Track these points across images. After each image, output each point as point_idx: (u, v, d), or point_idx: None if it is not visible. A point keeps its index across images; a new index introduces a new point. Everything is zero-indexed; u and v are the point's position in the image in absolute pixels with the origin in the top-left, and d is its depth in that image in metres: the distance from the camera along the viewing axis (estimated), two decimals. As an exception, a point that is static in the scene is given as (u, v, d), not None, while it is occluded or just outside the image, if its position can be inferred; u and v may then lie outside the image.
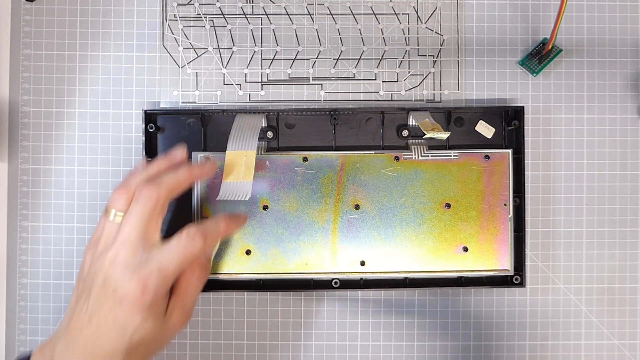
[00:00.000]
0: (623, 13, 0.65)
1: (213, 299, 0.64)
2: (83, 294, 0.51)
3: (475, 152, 0.61)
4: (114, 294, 0.49)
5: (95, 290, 0.50)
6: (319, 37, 0.64)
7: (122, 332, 0.48)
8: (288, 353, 0.64)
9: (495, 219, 0.60)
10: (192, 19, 0.64)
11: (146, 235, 0.51)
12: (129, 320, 0.48)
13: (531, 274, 0.64)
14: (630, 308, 0.64)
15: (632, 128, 0.65)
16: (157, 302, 0.50)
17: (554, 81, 0.65)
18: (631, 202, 0.65)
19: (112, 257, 0.50)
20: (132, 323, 0.49)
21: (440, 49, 0.64)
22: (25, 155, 0.64)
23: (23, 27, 0.64)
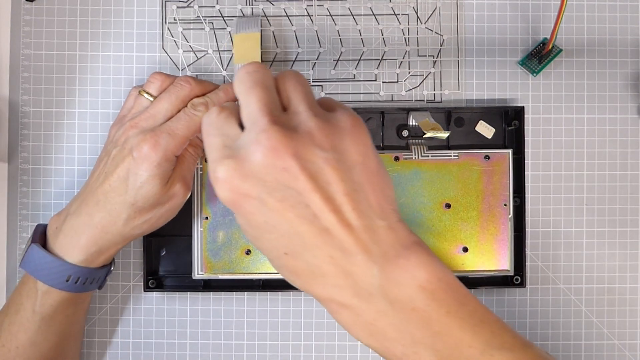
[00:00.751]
0: (623, 13, 0.65)
1: (213, 299, 0.64)
2: (103, 159, 0.57)
3: (476, 152, 0.61)
4: (129, 152, 0.54)
5: (115, 151, 0.55)
6: (319, 38, 0.64)
7: (131, 186, 0.54)
8: (288, 353, 0.64)
9: (496, 219, 0.60)
10: (192, 22, 0.64)
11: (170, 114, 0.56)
12: (138, 174, 0.53)
13: (531, 274, 0.64)
14: (630, 308, 0.64)
15: (632, 128, 0.65)
16: (164, 164, 0.54)
17: (554, 81, 0.65)
18: (631, 202, 0.65)
19: (134, 123, 0.55)
20: (140, 177, 0.53)
21: (440, 49, 0.64)
22: (25, 155, 0.64)
23: (23, 27, 0.64)
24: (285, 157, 0.40)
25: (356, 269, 0.41)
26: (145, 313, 0.64)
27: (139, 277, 0.64)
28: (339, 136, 0.43)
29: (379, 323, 0.41)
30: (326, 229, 0.41)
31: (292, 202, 0.41)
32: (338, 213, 0.41)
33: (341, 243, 0.41)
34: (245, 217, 0.43)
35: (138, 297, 0.64)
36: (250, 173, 0.41)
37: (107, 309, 0.64)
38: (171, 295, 0.64)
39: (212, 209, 0.61)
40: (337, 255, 0.41)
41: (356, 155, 0.43)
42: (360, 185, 0.42)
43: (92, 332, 0.64)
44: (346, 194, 0.41)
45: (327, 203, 0.41)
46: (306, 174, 0.40)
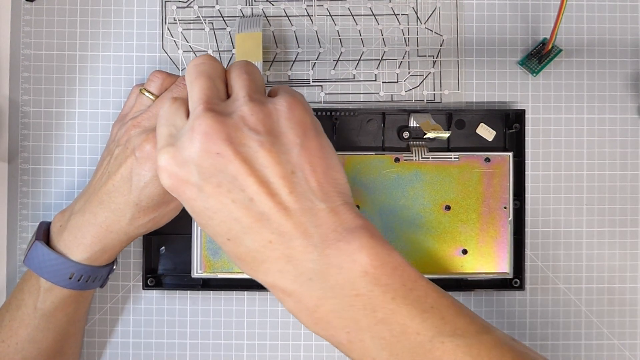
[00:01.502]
0: (623, 13, 0.65)
1: (213, 298, 0.64)
2: (106, 158, 0.57)
3: (476, 154, 0.61)
4: (132, 152, 0.54)
5: (117, 151, 0.55)
6: (319, 38, 0.64)
7: (134, 186, 0.54)
8: (288, 353, 0.64)
9: (495, 221, 0.60)
10: (192, 22, 0.64)
11: None
12: (141, 175, 0.53)
13: (531, 274, 0.64)
14: (630, 308, 0.64)
15: (632, 128, 0.65)
16: None
17: (554, 81, 0.65)
18: (631, 202, 0.65)
19: (136, 122, 0.55)
20: (144, 177, 0.53)
21: (440, 49, 0.64)
22: (25, 155, 0.64)
23: (23, 27, 0.64)
24: (218, 141, 0.41)
25: (295, 254, 0.41)
26: (145, 313, 0.64)
27: (139, 277, 0.64)
28: (275, 119, 0.43)
29: (321, 310, 0.41)
30: (263, 213, 0.41)
31: (228, 187, 0.41)
32: (274, 196, 0.41)
33: (279, 227, 0.41)
34: (188, 204, 0.44)
35: (138, 296, 0.64)
36: (186, 160, 0.42)
37: (107, 308, 0.64)
38: (171, 295, 0.64)
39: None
40: (275, 239, 0.41)
41: (293, 137, 0.43)
42: (298, 167, 0.42)
43: (92, 332, 0.64)
44: (282, 177, 0.41)
45: (262, 187, 0.41)
46: (240, 158, 0.41)
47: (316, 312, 0.41)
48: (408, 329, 0.39)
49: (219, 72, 0.47)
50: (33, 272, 0.56)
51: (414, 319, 0.39)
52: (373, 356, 0.40)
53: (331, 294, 0.40)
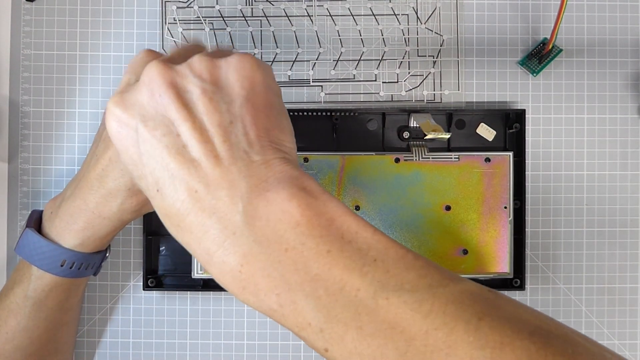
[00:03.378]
0: (623, 13, 0.65)
1: (213, 299, 0.64)
2: (96, 141, 0.55)
3: (476, 154, 0.61)
4: None
5: (105, 133, 0.53)
6: (319, 38, 0.64)
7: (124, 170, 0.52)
8: (288, 353, 0.64)
9: (496, 221, 0.60)
10: (192, 22, 0.64)
11: None
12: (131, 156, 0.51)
13: (531, 274, 0.64)
14: (630, 308, 0.64)
15: (632, 128, 0.65)
16: None
17: (554, 81, 0.65)
18: (631, 202, 0.65)
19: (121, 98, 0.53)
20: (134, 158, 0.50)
21: (440, 49, 0.64)
22: (25, 155, 0.64)
23: (23, 27, 0.64)
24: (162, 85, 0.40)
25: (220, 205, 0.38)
26: (145, 313, 0.64)
27: (139, 277, 0.64)
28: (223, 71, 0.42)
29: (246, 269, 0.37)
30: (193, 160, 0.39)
31: (164, 131, 0.40)
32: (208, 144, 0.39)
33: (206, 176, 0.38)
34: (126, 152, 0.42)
35: (138, 296, 0.64)
36: (132, 103, 0.41)
37: (107, 308, 0.64)
38: (171, 295, 0.64)
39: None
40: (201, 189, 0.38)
41: (239, 89, 0.41)
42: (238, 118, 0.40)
43: (92, 332, 0.64)
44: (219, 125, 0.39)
45: (196, 133, 0.39)
46: (180, 102, 0.40)
47: (242, 273, 0.37)
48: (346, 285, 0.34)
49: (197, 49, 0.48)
50: (25, 261, 0.55)
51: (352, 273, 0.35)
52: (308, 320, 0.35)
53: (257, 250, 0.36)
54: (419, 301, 0.33)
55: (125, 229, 0.64)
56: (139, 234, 0.64)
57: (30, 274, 0.55)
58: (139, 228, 0.64)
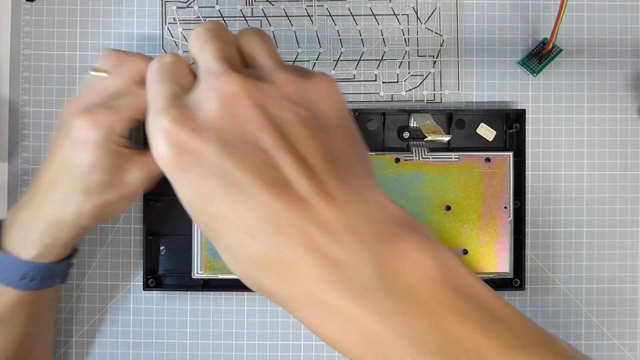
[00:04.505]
0: (623, 13, 0.65)
1: (213, 299, 0.64)
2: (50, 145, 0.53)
3: (476, 154, 0.61)
4: (69, 132, 0.50)
5: (58, 135, 0.51)
6: (319, 38, 0.64)
7: (76, 171, 0.50)
8: (288, 353, 0.64)
9: (496, 221, 0.60)
10: (192, 22, 0.64)
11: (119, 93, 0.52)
12: (81, 158, 0.49)
13: (531, 274, 0.64)
14: (630, 308, 0.64)
15: (632, 128, 0.65)
16: (109, 142, 0.50)
17: (554, 81, 0.65)
18: (631, 202, 0.65)
19: (74, 100, 0.52)
20: (84, 160, 0.49)
21: (440, 49, 0.64)
22: (25, 155, 0.64)
23: (23, 27, 0.64)
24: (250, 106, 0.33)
25: (344, 254, 0.31)
26: (145, 313, 0.64)
27: (139, 277, 0.64)
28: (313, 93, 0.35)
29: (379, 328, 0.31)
30: (301, 198, 0.32)
31: (256, 162, 0.32)
32: (315, 179, 0.32)
33: (321, 218, 0.32)
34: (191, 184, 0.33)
35: (138, 296, 0.64)
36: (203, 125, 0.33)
37: (107, 308, 0.64)
38: (171, 295, 0.64)
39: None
40: (316, 234, 0.31)
41: (334, 117, 0.35)
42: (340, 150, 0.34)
43: (92, 332, 0.64)
44: (323, 158, 0.33)
45: (301, 166, 0.32)
46: (275, 129, 0.33)
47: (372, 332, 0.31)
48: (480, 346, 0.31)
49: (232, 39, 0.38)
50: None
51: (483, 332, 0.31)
52: None
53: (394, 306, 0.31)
54: None
55: (126, 228, 0.64)
56: (139, 234, 0.64)
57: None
58: (139, 228, 0.64)
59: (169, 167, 0.34)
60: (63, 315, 0.64)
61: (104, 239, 0.64)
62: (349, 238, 0.31)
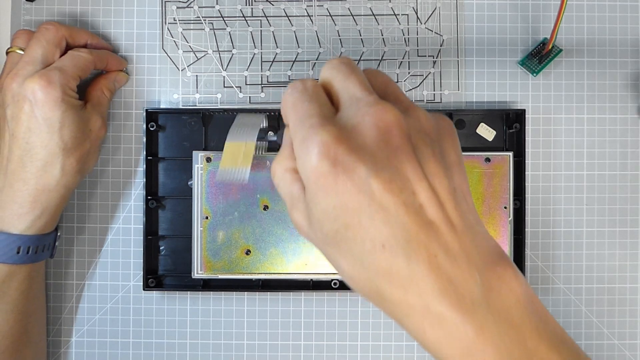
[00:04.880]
0: (623, 13, 0.65)
1: (213, 299, 0.64)
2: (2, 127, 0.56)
3: (476, 154, 0.61)
4: (25, 99, 0.53)
5: (9, 110, 0.54)
6: (319, 38, 0.64)
7: (50, 130, 0.53)
8: (288, 353, 0.64)
9: (495, 221, 0.60)
10: (192, 22, 0.64)
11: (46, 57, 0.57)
12: (51, 115, 0.53)
13: (531, 274, 0.64)
14: (630, 308, 0.64)
15: (632, 128, 0.65)
16: (68, 96, 0.55)
17: (554, 81, 0.65)
18: (631, 202, 0.65)
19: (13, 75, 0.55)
20: (55, 117, 0.53)
21: (440, 49, 0.64)
22: (26, 155, 0.64)
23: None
24: (399, 135, 0.37)
25: (458, 274, 0.36)
26: (145, 313, 0.64)
27: (139, 277, 0.64)
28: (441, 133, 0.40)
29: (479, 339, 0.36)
30: (431, 223, 0.36)
31: (400, 186, 0.36)
32: (443, 208, 0.37)
33: (446, 242, 0.36)
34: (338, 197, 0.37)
35: (138, 296, 0.64)
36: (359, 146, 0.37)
37: (107, 308, 0.64)
38: (171, 295, 0.64)
39: (212, 209, 0.61)
40: (441, 255, 0.36)
41: (454, 156, 0.40)
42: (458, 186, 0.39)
43: (92, 332, 0.64)
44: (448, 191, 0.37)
45: (433, 195, 0.37)
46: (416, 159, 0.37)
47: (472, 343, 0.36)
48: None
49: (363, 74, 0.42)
50: None
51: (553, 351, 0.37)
52: None
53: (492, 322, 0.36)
54: None
55: (125, 228, 0.64)
56: (139, 234, 0.64)
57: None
58: (139, 228, 0.64)
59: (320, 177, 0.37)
60: (63, 315, 0.64)
61: (104, 239, 0.64)
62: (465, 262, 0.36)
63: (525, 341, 0.36)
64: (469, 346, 0.36)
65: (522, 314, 0.37)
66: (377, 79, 0.42)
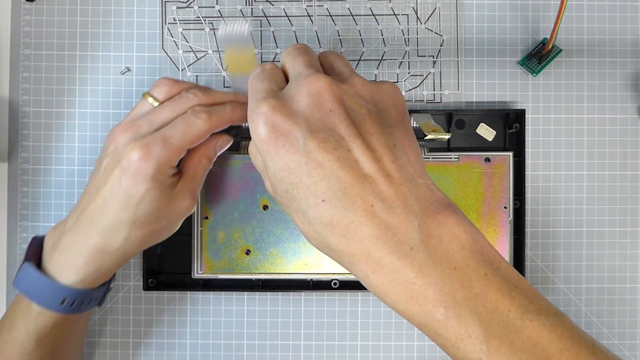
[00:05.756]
0: (623, 13, 0.65)
1: (213, 299, 0.64)
2: (96, 169, 0.53)
3: (476, 154, 0.61)
4: (119, 163, 0.50)
5: (105, 161, 0.52)
6: (319, 38, 0.64)
7: (127, 202, 0.50)
8: (288, 353, 0.64)
9: (496, 221, 0.60)
10: (192, 22, 0.64)
11: None
12: (133, 189, 0.50)
13: (531, 274, 0.64)
14: (630, 308, 0.64)
15: (632, 128, 0.65)
16: (162, 174, 0.51)
17: (554, 81, 0.65)
18: (631, 202, 0.65)
19: (126, 127, 0.52)
20: (137, 192, 0.50)
21: (440, 49, 0.64)
22: (25, 155, 0.64)
23: (23, 27, 0.64)
24: (333, 100, 0.42)
25: (396, 221, 0.40)
26: (145, 313, 0.64)
27: (139, 276, 0.64)
28: (380, 95, 0.44)
29: (419, 282, 0.39)
30: (367, 175, 0.41)
31: (334, 144, 0.41)
32: (379, 162, 0.41)
33: (381, 192, 0.40)
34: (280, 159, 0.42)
35: (138, 296, 0.64)
36: (295, 112, 0.42)
37: (107, 308, 0.64)
38: (171, 295, 0.64)
39: (212, 209, 0.61)
40: (377, 204, 0.40)
41: (395, 115, 0.44)
42: (399, 142, 0.43)
43: (92, 332, 0.64)
44: (386, 146, 0.42)
45: (368, 150, 0.41)
46: (350, 119, 0.42)
47: (414, 285, 0.39)
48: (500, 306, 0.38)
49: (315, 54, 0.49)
50: None
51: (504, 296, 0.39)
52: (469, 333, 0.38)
53: (431, 265, 0.39)
54: (553, 325, 0.38)
55: (125, 229, 0.64)
56: (139, 234, 0.64)
57: (30, 310, 0.53)
58: (139, 228, 0.64)
59: (264, 144, 0.42)
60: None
61: (104, 239, 0.64)
62: (401, 209, 0.40)
63: (471, 286, 0.39)
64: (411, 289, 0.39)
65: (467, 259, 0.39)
66: (327, 58, 0.49)
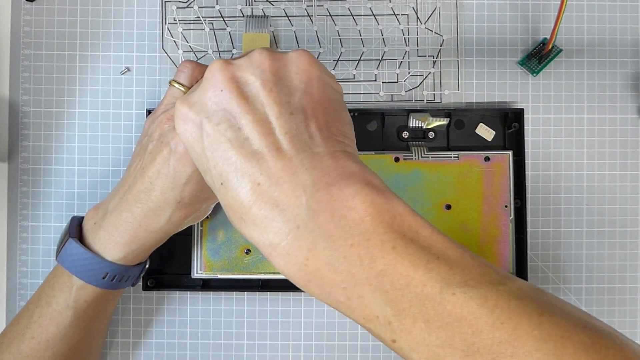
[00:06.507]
0: (623, 13, 0.65)
1: (213, 299, 0.64)
2: (139, 153, 0.54)
3: (476, 153, 0.61)
4: (167, 146, 0.51)
5: (151, 146, 0.52)
6: (319, 38, 0.64)
7: (174, 183, 0.51)
8: (288, 353, 0.64)
9: (497, 221, 0.60)
10: (192, 22, 0.64)
11: None
12: (181, 170, 0.51)
13: (531, 274, 0.64)
14: (630, 308, 0.64)
15: (632, 128, 0.65)
16: None
17: (554, 81, 0.65)
18: (631, 202, 0.65)
19: (170, 115, 0.53)
20: (184, 173, 0.51)
21: (440, 49, 0.64)
22: (25, 155, 0.64)
23: (23, 27, 0.64)
24: (223, 80, 0.43)
25: (283, 198, 0.38)
26: (145, 313, 0.64)
27: (139, 277, 0.64)
28: (283, 63, 0.44)
29: (312, 263, 0.37)
30: (255, 152, 0.40)
31: (226, 125, 0.41)
32: (269, 136, 0.40)
33: (269, 169, 0.39)
34: (191, 147, 0.44)
35: (138, 297, 0.64)
36: (195, 101, 0.44)
37: (107, 308, 0.64)
38: (171, 295, 0.64)
39: (212, 208, 0.61)
40: (264, 181, 0.39)
41: (298, 82, 0.43)
42: (299, 110, 0.41)
43: (92, 332, 0.64)
44: (279, 117, 0.41)
45: (257, 125, 0.41)
46: (240, 95, 0.42)
47: (307, 266, 0.38)
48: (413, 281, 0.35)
49: None
50: (65, 269, 0.55)
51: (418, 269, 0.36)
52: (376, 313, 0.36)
53: (323, 244, 0.37)
54: (484, 297, 0.35)
55: (125, 228, 0.64)
56: (139, 234, 0.64)
57: (71, 284, 0.55)
58: (139, 228, 0.64)
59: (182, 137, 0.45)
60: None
61: (104, 239, 0.64)
62: (288, 184, 0.38)
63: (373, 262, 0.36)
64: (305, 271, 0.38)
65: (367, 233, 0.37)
66: None
